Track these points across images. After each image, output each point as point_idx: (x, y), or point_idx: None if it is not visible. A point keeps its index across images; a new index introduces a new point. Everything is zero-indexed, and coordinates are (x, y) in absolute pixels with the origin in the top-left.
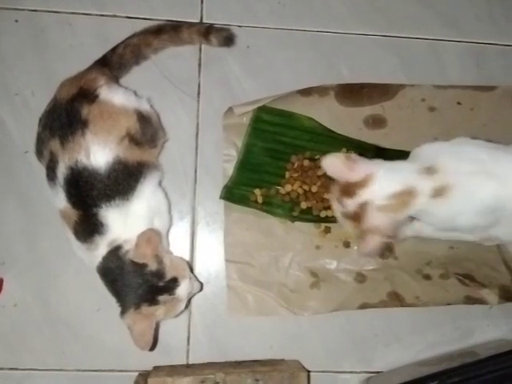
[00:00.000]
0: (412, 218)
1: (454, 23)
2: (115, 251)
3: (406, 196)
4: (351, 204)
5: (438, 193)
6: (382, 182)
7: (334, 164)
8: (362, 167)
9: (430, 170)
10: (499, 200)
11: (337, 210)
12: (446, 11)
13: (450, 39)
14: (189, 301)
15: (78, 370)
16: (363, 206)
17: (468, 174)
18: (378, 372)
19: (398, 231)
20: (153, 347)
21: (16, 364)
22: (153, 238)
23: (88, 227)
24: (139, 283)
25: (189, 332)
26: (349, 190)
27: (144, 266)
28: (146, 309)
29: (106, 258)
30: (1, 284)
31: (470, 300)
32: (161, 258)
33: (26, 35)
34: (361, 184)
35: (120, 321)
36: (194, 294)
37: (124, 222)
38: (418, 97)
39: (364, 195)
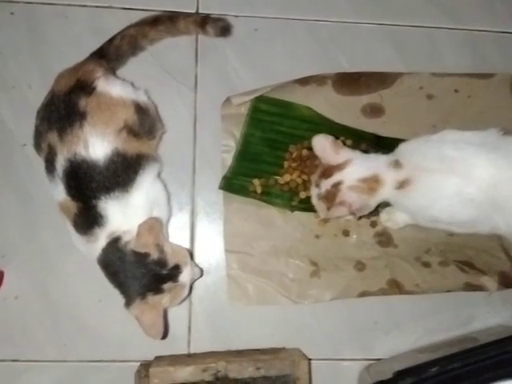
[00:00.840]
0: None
1: (450, 11)
2: (114, 243)
3: (372, 182)
4: (326, 184)
5: (401, 185)
6: (355, 167)
7: (322, 144)
8: (345, 153)
9: (396, 164)
10: (465, 195)
11: (313, 193)
12: None
13: (446, 27)
14: (190, 288)
15: (80, 361)
16: (337, 185)
17: (428, 170)
18: (378, 359)
19: (363, 211)
20: (165, 335)
21: (18, 356)
22: (154, 226)
23: (87, 219)
24: (143, 273)
25: (190, 322)
26: (328, 172)
27: (146, 255)
28: (151, 298)
29: (105, 250)
30: (2, 277)
31: (470, 287)
32: (162, 247)
33: (22, 28)
34: (339, 167)
35: (121, 311)
36: (195, 280)
37: (123, 214)
38: (416, 85)
39: (339, 176)
